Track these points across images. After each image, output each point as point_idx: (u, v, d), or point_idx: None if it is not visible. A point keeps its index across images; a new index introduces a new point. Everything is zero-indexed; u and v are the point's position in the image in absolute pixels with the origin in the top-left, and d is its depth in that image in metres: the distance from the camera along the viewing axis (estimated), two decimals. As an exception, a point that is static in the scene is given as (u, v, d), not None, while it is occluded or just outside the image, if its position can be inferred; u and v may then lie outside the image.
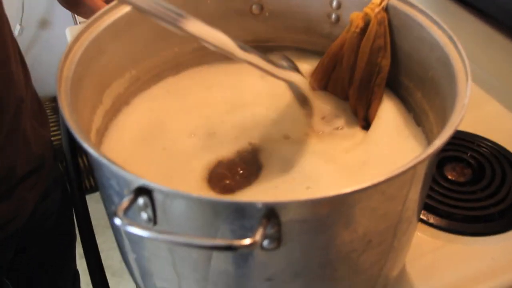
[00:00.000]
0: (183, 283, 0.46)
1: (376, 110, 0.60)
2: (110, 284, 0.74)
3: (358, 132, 0.60)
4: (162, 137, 0.59)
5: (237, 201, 0.36)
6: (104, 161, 0.38)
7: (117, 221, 0.35)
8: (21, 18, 1.70)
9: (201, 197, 0.35)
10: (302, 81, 0.62)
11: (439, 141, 0.40)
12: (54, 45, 1.76)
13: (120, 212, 0.35)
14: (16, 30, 1.70)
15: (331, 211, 0.38)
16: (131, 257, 0.51)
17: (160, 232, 0.35)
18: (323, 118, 0.62)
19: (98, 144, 0.56)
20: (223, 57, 0.67)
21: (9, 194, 0.70)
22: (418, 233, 0.64)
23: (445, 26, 0.51)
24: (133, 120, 0.61)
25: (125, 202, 0.36)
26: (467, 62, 0.47)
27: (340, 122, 0.62)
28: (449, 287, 0.59)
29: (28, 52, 1.70)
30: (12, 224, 0.72)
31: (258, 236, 0.34)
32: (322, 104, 0.63)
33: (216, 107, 0.63)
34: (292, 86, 0.61)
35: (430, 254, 0.62)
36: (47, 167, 0.79)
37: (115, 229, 0.51)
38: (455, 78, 0.47)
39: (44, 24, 1.74)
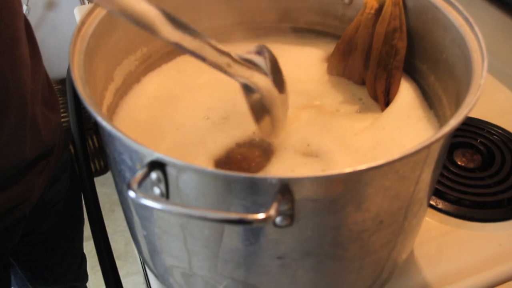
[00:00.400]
0: (193, 260, 0.46)
1: (395, 93, 0.59)
2: (114, 268, 0.74)
3: (376, 115, 0.60)
4: (175, 117, 0.58)
5: (252, 176, 0.35)
6: (118, 133, 0.38)
7: (131, 193, 0.35)
8: (28, -2, 1.69)
9: (216, 172, 0.35)
10: (264, 85, 0.49)
11: (454, 121, 0.39)
12: (60, 26, 1.75)
13: (134, 184, 0.35)
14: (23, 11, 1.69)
15: (345, 189, 0.38)
16: (141, 234, 0.51)
17: (175, 204, 0.35)
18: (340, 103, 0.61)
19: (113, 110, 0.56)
20: (238, 37, 0.68)
21: (17, 179, 0.69)
22: (427, 218, 0.64)
23: (460, 8, 0.50)
24: (144, 98, 0.61)
25: (139, 175, 0.36)
26: (483, 43, 0.46)
27: (357, 107, 0.62)
28: (457, 273, 0.59)
29: (35, 33, 1.69)
30: (20, 208, 0.72)
31: (272, 211, 0.34)
32: (337, 92, 0.63)
33: (229, 87, 0.63)
34: (247, 89, 0.49)
35: (438, 239, 0.62)
36: (56, 152, 0.78)
37: (125, 206, 0.51)
38: (470, 59, 0.46)
39: (50, 5, 1.73)
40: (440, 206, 0.65)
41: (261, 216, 0.34)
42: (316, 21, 0.66)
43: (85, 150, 0.83)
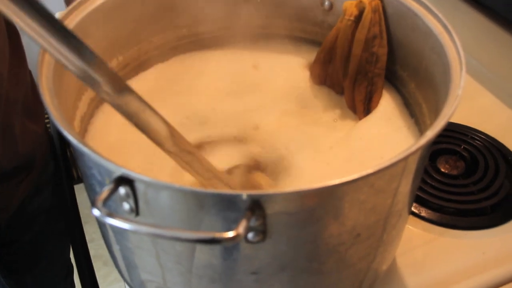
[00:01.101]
0: (167, 276, 0.45)
1: (377, 102, 0.59)
2: (101, 273, 0.73)
3: (352, 125, 0.59)
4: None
5: (221, 192, 0.34)
6: (84, 149, 0.37)
7: (96, 212, 0.34)
8: (12, 2, 1.66)
9: (184, 188, 0.34)
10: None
11: (431, 132, 0.38)
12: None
13: (99, 202, 0.34)
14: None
15: (318, 204, 0.37)
16: (115, 248, 0.50)
17: (140, 224, 0.33)
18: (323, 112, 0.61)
19: (83, 132, 0.54)
20: (215, 43, 0.67)
21: None
22: (409, 226, 0.63)
23: (439, 15, 0.50)
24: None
25: (105, 192, 0.35)
26: (461, 51, 0.45)
27: (336, 116, 0.61)
28: (440, 282, 0.58)
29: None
30: None
31: (241, 228, 0.33)
32: (317, 101, 0.62)
33: (207, 95, 0.62)
34: None
35: (421, 247, 0.61)
36: (38, 164, 0.77)
37: (98, 219, 0.50)
38: (449, 68, 0.45)
39: None
40: (423, 214, 0.64)
41: (230, 234, 0.33)
42: (295, 28, 0.65)
43: (65, 157, 0.82)
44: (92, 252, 0.78)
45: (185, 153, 0.43)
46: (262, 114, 0.61)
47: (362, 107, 0.58)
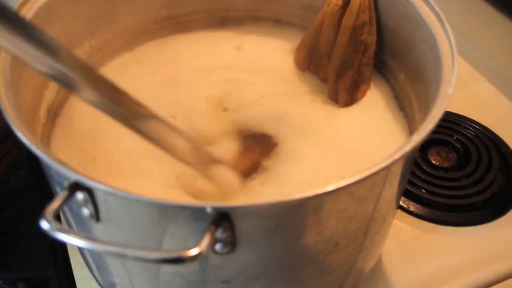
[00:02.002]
0: (134, 281, 0.42)
1: (364, 93, 0.55)
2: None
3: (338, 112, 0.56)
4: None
5: (183, 204, 0.31)
6: (37, 151, 0.34)
7: (45, 224, 0.30)
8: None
9: (142, 198, 0.31)
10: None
11: (417, 137, 0.35)
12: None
13: (49, 214, 0.31)
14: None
15: (291, 215, 0.34)
16: (85, 250, 0.47)
17: (95, 241, 0.30)
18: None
19: (50, 125, 0.51)
20: (200, 25, 0.63)
21: None
22: (397, 222, 0.61)
23: (432, 2, 0.46)
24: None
25: (56, 201, 0.32)
26: (454, 45, 0.42)
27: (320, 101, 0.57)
28: (427, 281, 0.56)
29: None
30: None
31: (204, 245, 0.30)
32: (302, 85, 0.59)
33: (187, 81, 0.58)
34: None
35: (408, 244, 0.59)
36: (13, 142, 0.74)
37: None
38: (440, 62, 0.42)
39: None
40: (411, 208, 0.61)
41: (192, 252, 0.30)
42: (281, 11, 0.61)
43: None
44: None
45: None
46: (245, 94, 0.57)
47: (345, 96, 0.54)
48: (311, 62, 0.57)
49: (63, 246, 0.71)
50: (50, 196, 0.70)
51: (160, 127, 0.43)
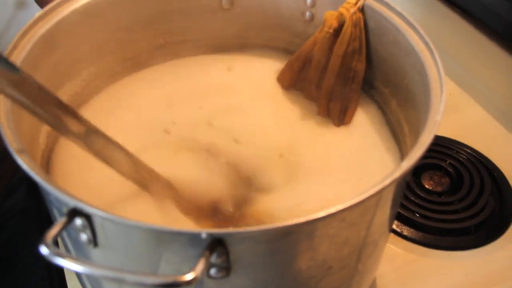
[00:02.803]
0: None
1: (353, 114, 0.57)
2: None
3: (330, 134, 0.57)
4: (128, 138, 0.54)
5: (179, 230, 0.32)
6: (37, 178, 0.35)
7: (44, 250, 0.31)
8: (-3, -2, 1.63)
9: (139, 224, 0.32)
10: None
11: (407, 163, 0.36)
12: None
13: (49, 239, 0.32)
14: (-9, 10, 1.64)
15: (285, 240, 0.35)
16: (83, 274, 0.48)
17: (94, 266, 0.31)
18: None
19: (50, 148, 0.52)
20: (191, 52, 0.64)
21: None
22: (391, 246, 0.61)
23: (421, 31, 0.47)
24: (92, 118, 0.56)
25: (56, 227, 0.33)
26: (442, 72, 0.43)
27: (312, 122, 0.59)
28: (420, 304, 0.56)
29: (4, 34, 1.64)
30: None
31: (199, 270, 0.31)
32: (293, 106, 0.60)
33: (179, 107, 0.59)
34: None
35: (401, 268, 0.59)
36: (8, 164, 0.75)
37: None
38: (429, 89, 0.43)
39: (21, 5, 1.68)
40: (405, 233, 0.62)
41: (188, 277, 0.30)
42: (275, 38, 0.63)
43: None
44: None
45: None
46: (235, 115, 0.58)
47: (338, 115, 0.56)
48: (297, 81, 0.59)
49: (60, 270, 0.72)
50: (48, 218, 0.71)
51: (101, 141, 0.42)
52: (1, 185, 0.74)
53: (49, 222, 0.69)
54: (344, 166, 0.53)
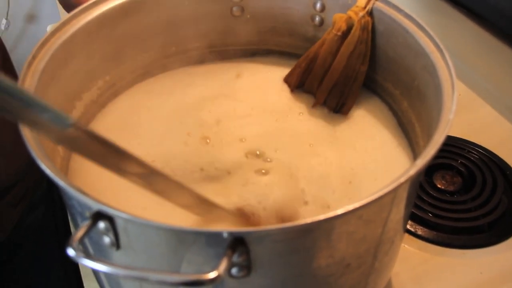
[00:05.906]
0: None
1: (349, 109, 0.58)
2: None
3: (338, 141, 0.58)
4: (140, 149, 0.55)
5: (201, 230, 0.33)
6: (59, 181, 0.36)
7: (71, 252, 0.32)
8: (7, 12, 1.66)
9: (161, 225, 0.33)
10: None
11: (421, 162, 0.37)
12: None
13: (75, 242, 0.33)
14: (2, 24, 1.67)
15: (304, 239, 0.35)
16: (102, 275, 0.49)
17: (118, 266, 0.32)
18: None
19: (68, 156, 0.53)
20: (203, 59, 0.66)
21: None
22: (405, 245, 0.62)
23: (431, 33, 0.48)
24: (109, 126, 0.58)
25: (81, 230, 0.34)
26: (453, 73, 0.44)
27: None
28: (436, 303, 0.57)
29: (15, 47, 1.67)
30: None
31: (222, 269, 0.31)
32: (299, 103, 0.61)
33: (195, 117, 0.60)
34: None
35: (416, 268, 0.60)
36: (30, 181, 0.76)
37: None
38: (441, 89, 0.44)
39: (31, 18, 1.71)
40: (419, 232, 0.63)
41: (211, 275, 0.31)
42: (285, 43, 0.64)
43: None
44: (83, 270, 0.76)
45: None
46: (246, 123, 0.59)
47: (333, 110, 0.59)
48: (305, 81, 0.60)
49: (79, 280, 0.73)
50: (65, 233, 0.71)
51: (162, 182, 0.40)
52: (24, 203, 0.75)
53: (66, 236, 0.71)
54: (359, 168, 0.53)
